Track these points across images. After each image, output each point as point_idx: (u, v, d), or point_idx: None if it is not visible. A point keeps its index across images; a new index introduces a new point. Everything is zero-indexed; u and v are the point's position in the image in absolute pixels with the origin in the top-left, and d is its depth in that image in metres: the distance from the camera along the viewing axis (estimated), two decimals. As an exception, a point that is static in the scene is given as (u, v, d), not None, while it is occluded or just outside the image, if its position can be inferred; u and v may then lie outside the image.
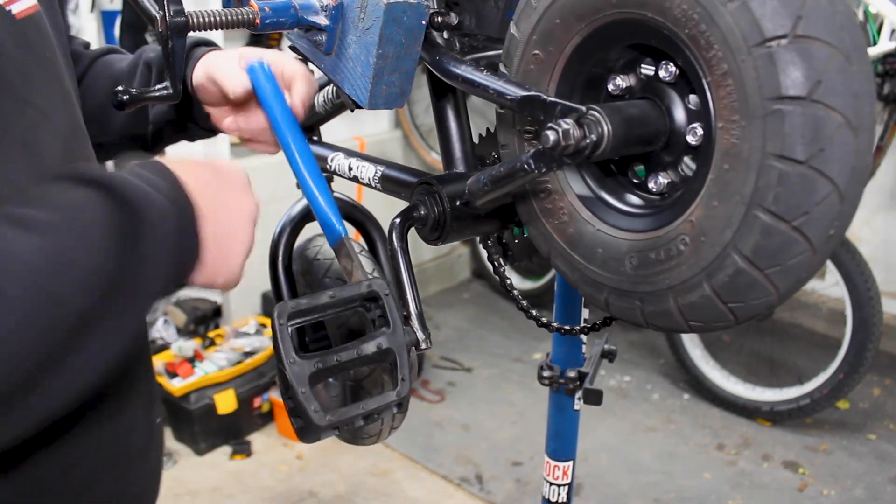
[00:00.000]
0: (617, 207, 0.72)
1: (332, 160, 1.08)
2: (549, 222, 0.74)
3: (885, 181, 3.39)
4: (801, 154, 0.54)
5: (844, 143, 0.55)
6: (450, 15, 0.84)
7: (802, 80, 0.54)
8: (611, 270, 0.69)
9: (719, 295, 0.60)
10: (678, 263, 0.62)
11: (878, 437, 2.88)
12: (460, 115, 0.92)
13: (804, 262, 0.58)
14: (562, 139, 0.61)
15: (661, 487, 2.62)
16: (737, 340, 3.35)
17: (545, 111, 0.66)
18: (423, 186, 0.87)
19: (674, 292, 0.63)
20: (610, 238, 0.70)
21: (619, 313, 0.70)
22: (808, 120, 0.54)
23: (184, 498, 2.49)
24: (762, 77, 0.55)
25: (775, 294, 0.59)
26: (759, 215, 0.56)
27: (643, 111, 0.67)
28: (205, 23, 0.75)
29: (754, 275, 0.58)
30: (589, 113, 0.62)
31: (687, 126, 0.66)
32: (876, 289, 2.72)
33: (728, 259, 0.58)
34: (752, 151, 0.56)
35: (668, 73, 0.66)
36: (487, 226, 0.90)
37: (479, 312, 3.95)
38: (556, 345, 1.28)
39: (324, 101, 1.12)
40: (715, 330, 0.65)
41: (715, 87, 0.58)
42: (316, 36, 0.83)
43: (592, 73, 0.72)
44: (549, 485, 1.34)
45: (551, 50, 0.70)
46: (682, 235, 0.62)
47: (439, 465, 2.71)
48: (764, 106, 0.55)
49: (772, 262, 0.57)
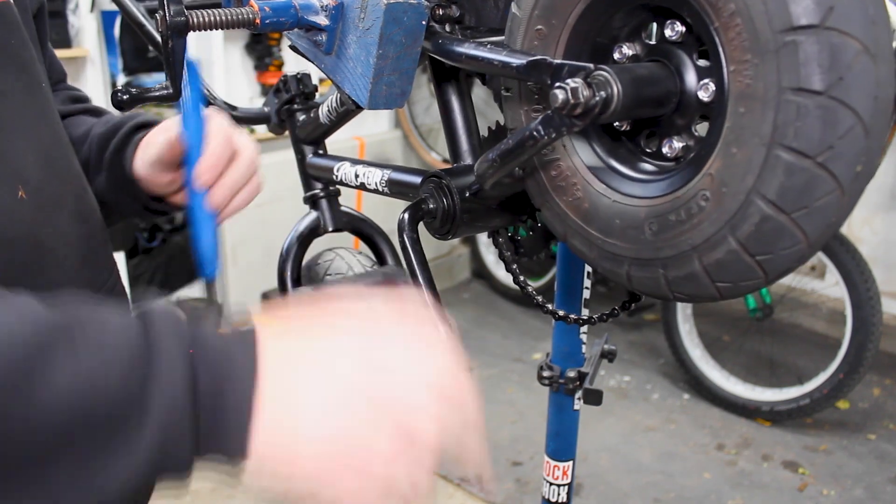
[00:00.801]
0: (631, 176, 0.70)
1: (338, 170, 1.08)
2: (563, 200, 0.72)
3: (885, 181, 3.40)
4: (820, 84, 0.52)
5: (864, 71, 0.53)
6: (451, 7, 0.84)
7: (814, 7, 0.52)
8: (630, 240, 0.66)
9: (746, 247, 0.57)
10: (700, 220, 0.60)
11: (878, 437, 2.88)
12: (466, 108, 0.91)
13: (832, 203, 0.55)
14: (570, 97, 0.59)
15: (661, 487, 2.62)
16: (737, 340, 3.36)
17: (553, 73, 0.65)
18: (432, 180, 0.86)
19: (698, 252, 0.60)
20: (627, 207, 0.67)
21: (641, 285, 0.67)
22: (823, 48, 0.52)
23: (183, 498, 2.48)
24: (771, 10, 0.53)
25: (805, 241, 0.56)
26: (781, 154, 0.54)
27: (652, 71, 0.65)
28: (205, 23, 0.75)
29: (781, 220, 0.55)
30: (597, 72, 0.60)
31: (698, 83, 0.64)
32: (876, 289, 2.72)
33: (752, 206, 0.56)
34: (767, 89, 0.54)
35: (675, 32, 0.65)
36: (498, 219, 0.90)
37: (478, 312, 3.95)
38: (556, 344, 1.28)
39: (328, 111, 1.11)
40: (746, 291, 0.61)
41: (724, 31, 0.57)
42: (316, 36, 0.83)
43: (597, 43, 0.70)
44: (548, 485, 1.34)
45: (554, 23, 0.69)
46: (702, 191, 0.60)
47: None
48: (776, 39, 0.53)
49: (798, 203, 0.54)
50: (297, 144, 1.19)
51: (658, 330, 3.44)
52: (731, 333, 3.44)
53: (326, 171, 1.11)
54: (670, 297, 0.65)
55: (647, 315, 3.79)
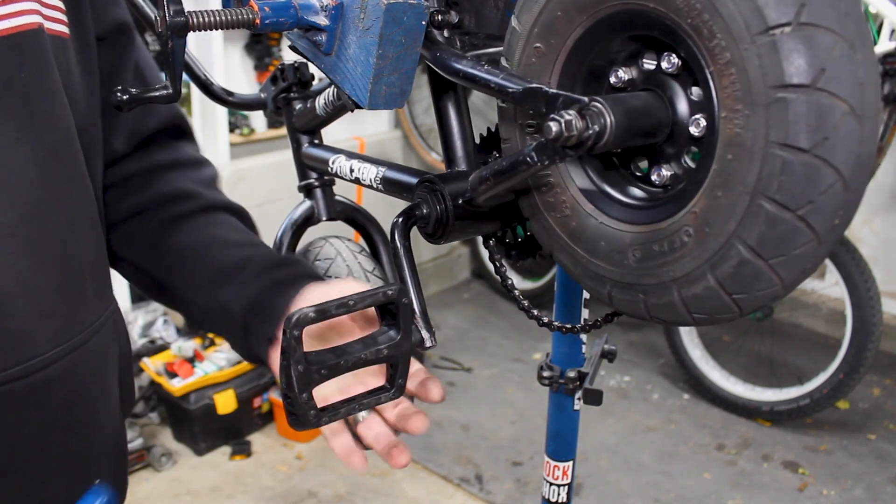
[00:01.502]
0: (620, 200, 0.72)
1: (333, 162, 1.08)
2: (552, 216, 0.74)
3: (885, 181, 3.40)
4: (806, 142, 0.54)
5: (849, 132, 0.55)
6: (450, 13, 0.84)
7: (806, 68, 0.53)
8: (614, 264, 0.68)
9: (723, 286, 0.60)
10: (682, 255, 0.62)
11: (878, 437, 2.88)
12: (461, 113, 0.92)
13: (809, 252, 0.57)
14: (564, 130, 0.60)
15: (661, 487, 2.62)
16: (737, 340, 3.36)
17: (547, 103, 0.66)
18: (425, 185, 0.87)
19: (678, 284, 0.63)
20: (613, 231, 0.69)
21: (622, 307, 0.69)
22: (812, 108, 0.54)
23: (183, 498, 2.49)
24: (765, 65, 0.54)
25: (780, 285, 0.58)
26: (764, 204, 0.56)
27: (646, 102, 0.66)
28: (205, 23, 0.75)
29: (759, 265, 0.57)
30: (591, 104, 0.61)
31: (690, 117, 0.65)
32: (876, 289, 2.72)
33: (732, 249, 0.58)
34: (755, 140, 0.55)
35: (671, 65, 0.66)
36: (490, 225, 0.90)
37: (478, 312, 3.95)
38: (556, 345, 1.28)
39: (324, 104, 1.11)
40: (719, 322, 0.64)
41: (718, 77, 0.58)
42: (316, 36, 0.83)
43: (594, 66, 0.71)
44: (548, 485, 1.34)
45: (553, 42, 0.70)
46: (685, 227, 0.61)
47: (439, 466, 2.71)
48: (767, 94, 0.54)
49: (776, 251, 0.57)
50: (294, 133, 1.19)
51: (658, 330, 3.45)
52: (731, 333, 3.44)
53: (321, 162, 1.11)
54: (649, 320, 0.68)
55: (647, 315, 3.79)
